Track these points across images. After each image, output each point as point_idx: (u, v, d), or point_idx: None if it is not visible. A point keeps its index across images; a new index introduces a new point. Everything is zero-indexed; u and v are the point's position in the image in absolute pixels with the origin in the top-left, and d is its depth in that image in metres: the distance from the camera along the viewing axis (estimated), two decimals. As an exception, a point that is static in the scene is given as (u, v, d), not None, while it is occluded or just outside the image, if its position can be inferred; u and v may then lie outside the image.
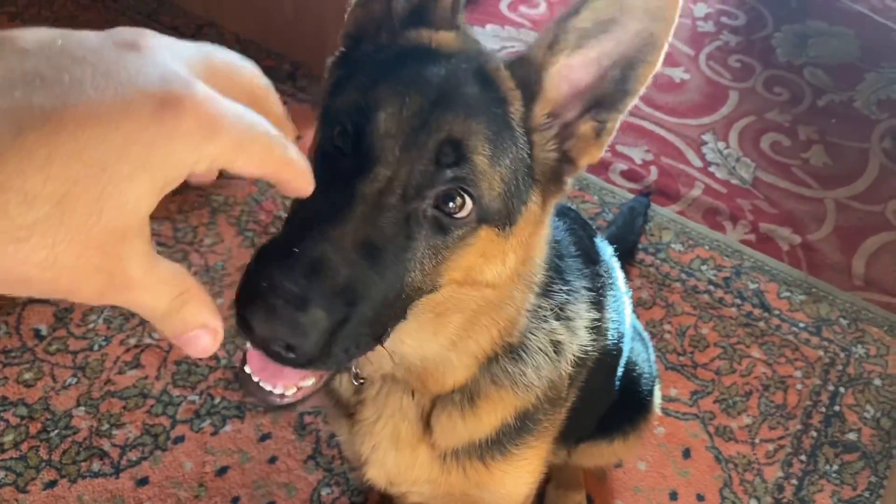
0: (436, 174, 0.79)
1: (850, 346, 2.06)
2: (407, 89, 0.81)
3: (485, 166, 0.81)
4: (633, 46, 0.85)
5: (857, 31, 3.23)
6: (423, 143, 0.79)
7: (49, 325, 1.90)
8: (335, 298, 0.72)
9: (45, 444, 1.70)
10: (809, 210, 2.45)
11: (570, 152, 0.91)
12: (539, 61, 0.87)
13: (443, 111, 0.80)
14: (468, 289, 0.88)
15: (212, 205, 2.21)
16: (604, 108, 0.89)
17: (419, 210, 0.79)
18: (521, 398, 1.05)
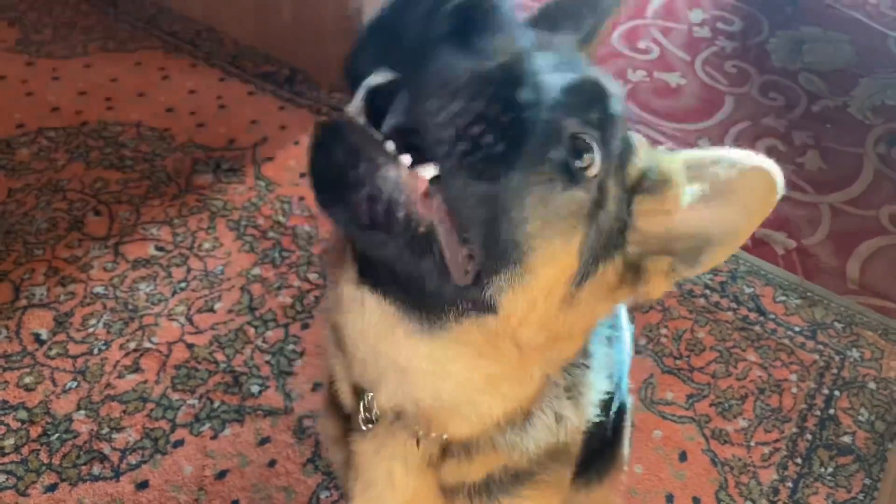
0: (588, 109, 0.74)
1: (845, 350, 2.08)
2: None
3: (614, 156, 0.79)
4: (720, 228, 0.86)
5: (851, 36, 3.26)
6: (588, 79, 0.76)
7: (49, 329, 1.91)
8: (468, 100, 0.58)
9: (45, 448, 1.71)
10: (804, 215, 2.47)
11: (643, 274, 0.89)
12: (654, 159, 0.89)
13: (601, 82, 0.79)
14: (505, 341, 0.81)
15: (210, 209, 2.22)
16: (682, 263, 0.89)
17: (561, 127, 0.71)
18: (516, 462, 1.00)
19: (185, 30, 2.87)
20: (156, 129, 2.46)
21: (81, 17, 2.88)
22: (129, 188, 2.26)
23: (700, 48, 3.12)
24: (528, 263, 0.74)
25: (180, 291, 2.02)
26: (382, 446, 1.00)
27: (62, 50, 2.72)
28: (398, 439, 0.99)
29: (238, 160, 2.38)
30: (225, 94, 2.61)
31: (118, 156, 2.36)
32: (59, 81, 2.60)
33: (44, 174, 2.28)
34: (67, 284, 2.00)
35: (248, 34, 2.80)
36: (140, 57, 2.73)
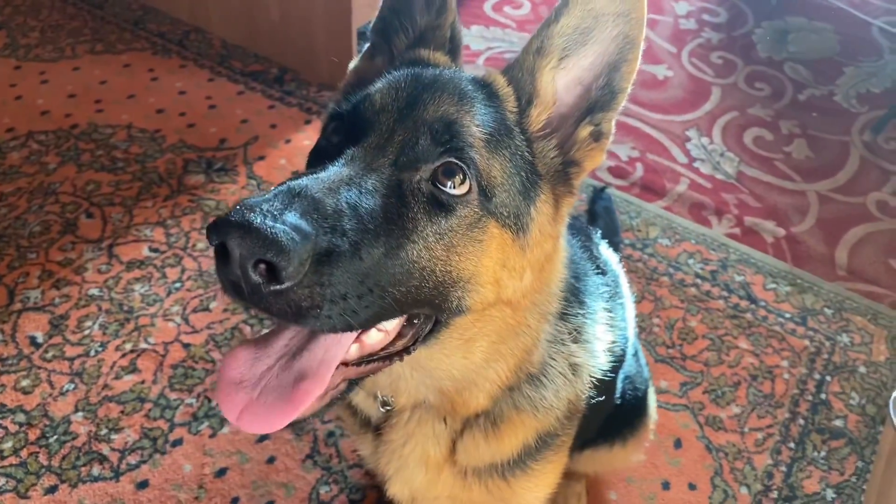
0: (429, 148, 0.82)
1: (835, 336, 2.10)
2: (402, 79, 0.87)
3: (480, 148, 0.85)
4: (613, 49, 0.91)
5: (835, 26, 3.29)
6: (418, 118, 0.83)
7: (45, 332, 1.91)
8: (319, 221, 0.70)
9: (44, 450, 1.71)
10: (793, 203, 2.49)
11: (574, 157, 0.95)
12: (529, 66, 0.93)
13: (436, 94, 0.85)
14: (493, 310, 0.90)
15: (203, 209, 2.23)
16: (598, 112, 0.94)
17: (413, 180, 0.81)
18: (542, 420, 1.07)
19: (174, 31, 2.87)
20: (146, 131, 2.46)
21: (68, 20, 2.87)
22: (121, 190, 2.26)
23: (686, 40, 3.14)
24: (469, 279, 0.85)
25: (175, 291, 2.02)
26: (411, 435, 1.09)
27: (50, 53, 2.72)
28: (423, 427, 1.07)
29: (229, 159, 2.39)
30: (214, 94, 2.61)
31: (109, 158, 2.36)
32: (48, 84, 2.60)
33: (35, 178, 2.28)
34: (62, 287, 2.01)
35: (237, 34, 2.80)
36: (129, 58, 2.73)
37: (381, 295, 0.77)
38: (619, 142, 2.63)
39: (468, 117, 0.86)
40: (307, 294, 0.69)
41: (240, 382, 0.80)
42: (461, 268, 0.84)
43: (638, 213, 2.36)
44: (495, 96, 0.92)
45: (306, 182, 0.73)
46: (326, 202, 0.72)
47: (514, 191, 0.87)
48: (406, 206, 0.80)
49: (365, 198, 0.76)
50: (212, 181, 2.31)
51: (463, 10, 3.13)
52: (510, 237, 0.87)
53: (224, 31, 2.83)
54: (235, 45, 2.81)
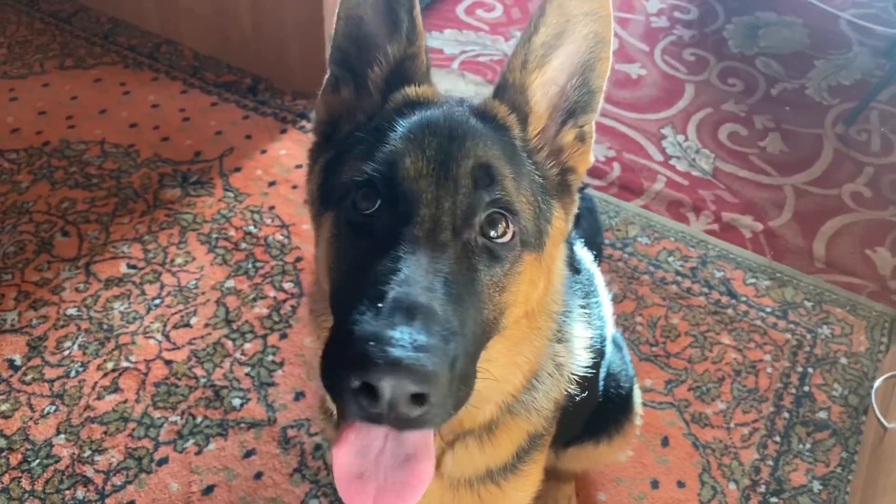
0: (476, 200, 0.82)
1: (816, 328, 2.12)
2: (420, 132, 0.85)
3: (512, 188, 0.85)
4: (585, 49, 0.92)
5: (805, 20, 3.32)
6: (456, 173, 0.83)
7: (23, 354, 1.88)
8: (443, 335, 0.71)
9: (26, 475, 1.68)
10: (769, 197, 2.51)
11: (567, 164, 0.97)
12: (520, 83, 0.93)
13: (463, 142, 0.84)
14: (513, 327, 0.92)
15: (181, 223, 2.21)
16: (579, 114, 0.95)
17: (471, 240, 0.83)
18: (534, 423, 1.08)
19: (144, 43, 2.83)
20: (120, 146, 2.43)
21: (36, 36, 2.83)
22: (96, 207, 2.23)
23: (658, 38, 3.16)
24: (509, 308, 0.87)
25: (155, 308, 2.00)
26: None
27: (18, 69, 2.68)
28: None
29: (205, 172, 2.37)
30: (188, 107, 2.59)
31: (83, 174, 2.33)
32: (18, 102, 2.56)
33: (8, 197, 2.24)
34: (39, 308, 1.98)
35: (208, 45, 2.77)
36: (99, 73, 2.69)
37: (475, 360, 0.80)
38: (596, 142, 2.62)
39: (499, 161, 0.86)
40: (443, 402, 0.71)
41: (361, 475, 0.79)
42: (507, 302, 0.86)
43: (616, 213, 2.37)
44: (503, 127, 0.92)
45: (408, 291, 0.73)
46: (435, 307, 0.73)
47: (535, 215, 0.89)
48: (474, 269, 0.82)
49: (453, 285, 0.77)
50: (188, 195, 2.29)
51: (435, 14, 3.13)
52: (535, 257, 0.90)
53: (195, 43, 2.80)
54: (207, 55, 2.78)
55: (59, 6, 2.96)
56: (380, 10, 0.96)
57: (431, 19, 3.09)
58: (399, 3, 0.95)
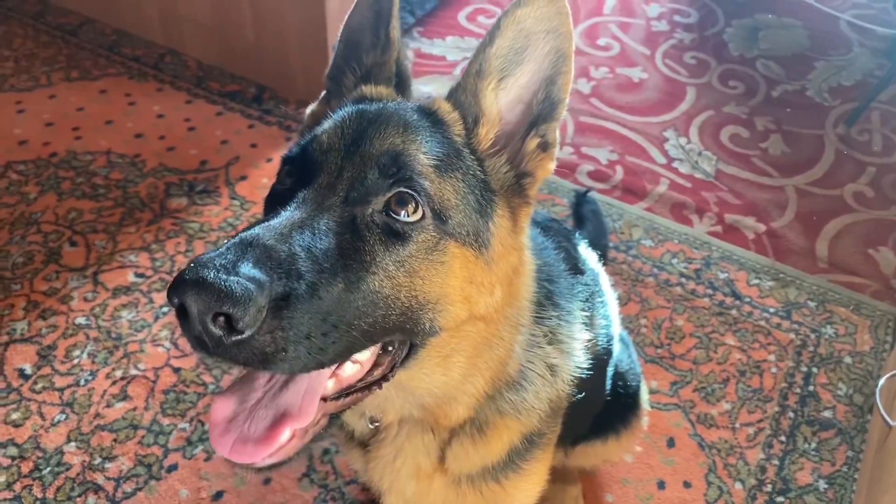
0: (378, 182, 0.85)
1: (820, 328, 2.13)
2: (345, 118, 0.91)
3: (430, 174, 0.88)
4: (547, 65, 0.95)
5: (805, 21, 3.34)
6: (365, 154, 0.86)
7: (33, 363, 1.90)
8: (272, 269, 0.72)
9: (38, 483, 1.70)
10: (771, 198, 2.52)
11: (525, 169, 0.99)
12: (472, 88, 0.97)
13: (380, 128, 0.89)
14: (468, 325, 0.93)
15: (187, 232, 2.23)
16: (542, 123, 0.98)
17: (365, 214, 0.84)
18: (525, 422, 1.09)
19: (148, 54, 2.86)
20: (126, 156, 2.46)
21: (42, 48, 2.86)
22: (103, 217, 2.26)
23: (659, 42, 3.17)
24: (438, 300, 0.88)
25: (163, 316, 2.02)
26: (401, 449, 1.11)
27: (25, 82, 2.71)
28: (412, 440, 1.10)
29: (211, 181, 2.39)
30: (193, 116, 2.61)
31: (90, 185, 2.35)
32: (25, 114, 2.59)
33: (16, 208, 2.26)
34: (48, 317, 2.00)
35: (212, 55, 2.80)
36: (105, 84, 2.72)
37: (346, 329, 0.78)
38: (598, 145, 2.65)
39: (414, 146, 0.88)
40: (269, 340, 0.71)
41: (232, 419, 0.81)
42: (427, 290, 0.86)
43: (620, 216, 2.38)
44: (441, 122, 0.95)
45: (258, 231, 0.75)
46: (279, 248, 0.74)
47: (469, 209, 0.90)
48: (362, 239, 0.82)
49: (319, 238, 0.78)
50: (195, 203, 2.31)
51: (438, 22, 3.15)
52: (472, 254, 0.90)
53: (199, 53, 2.83)
54: (212, 65, 2.81)
55: (65, 19, 2.99)
56: (371, 30, 1.04)
57: (434, 26, 3.12)
58: (381, 22, 1.02)
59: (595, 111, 2.80)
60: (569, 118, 2.75)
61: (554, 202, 2.40)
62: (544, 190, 2.44)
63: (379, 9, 1.03)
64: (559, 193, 2.43)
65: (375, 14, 1.03)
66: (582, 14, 3.29)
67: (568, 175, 2.53)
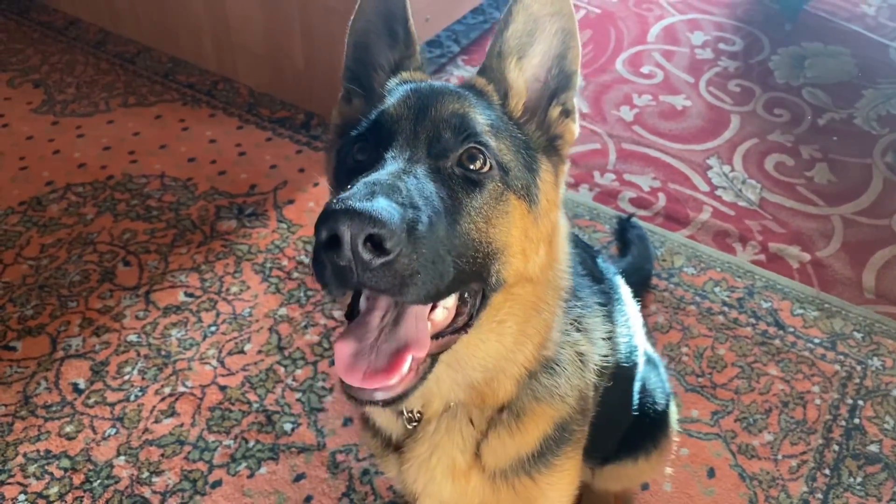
0: (451, 140, 0.95)
1: (866, 359, 2.10)
2: (405, 93, 1.01)
3: (489, 133, 0.98)
4: (557, 43, 1.07)
5: (852, 49, 3.31)
6: (434, 118, 0.96)
7: (86, 378, 1.97)
8: (400, 199, 0.81)
9: (88, 495, 1.76)
10: (817, 227, 2.50)
11: (554, 132, 1.11)
12: (496, 66, 1.08)
13: (440, 97, 0.99)
14: (517, 288, 1.01)
15: (236, 254, 2.29)
16: (560, 93, 1.10)
17: (446, 167, 0.93)
18: (559, 409, 1.15)
19: (202, 81, 2.96)
20: (179, 179, 2.54)
21: (102, 75, 2.98)
22: (156, 238, 2.34)
23: (703, 69, 3.17)
24: (504, 250, 0.96)
25: (211, 335, 2.08)
26: (437, 445, 1.15)
27: (85, 108, 2.83)
28: (450, 434, 1.14)
29: (260, 204, 2.46)
30: (244, 142, 2.69)
31: (144, 207, 2.44)
32: (84, 138, 2.70)
33: (74, 228, 2.36)
34: (102, 334, 2.07)
35: (263, 82, 2.89)
36: (160, 110, 2.82)
37: (452, 264, 0.87)
38: (641, 172, 2.66)
39: (472, 110, 0.99)
40: (407, 263, 0.79)
41: (356, 354, 0.88)
42: (497, 238, 0.95)
43: (662, 243, 2.38)
44: (482, 93, 1.06)
45: (376, 176, 0.84)
46: (399, 186, 0.83)
47: (520, 165, 1.01)
48: (449, 187, 0.91)
49: (422, 182, 0.87)
50: (243, 226, 2.38)
51: (481, 50, 3.20)
52: (526, 207, 0.99)
53: (251, 80, 2.92)
54: (262, 93, 2.90)
55: (124, 47, 3.12)
56: (381, 32, 1.14)
57: (478, 55, 3.17)
58: (396, 21, 1.12)
59: (638, 138, 2.81)
60: (611, 145, 2.77)
61: (595, 229, 2.42)
62: (586, 216, 2.45)
63: (387, 10, 1.12)
64: (601, 220, 2.44)
65: (384, 16, 1.13)
66: (626, 42, 3.31)
67: (610, 202, 2.54)
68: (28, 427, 1.87)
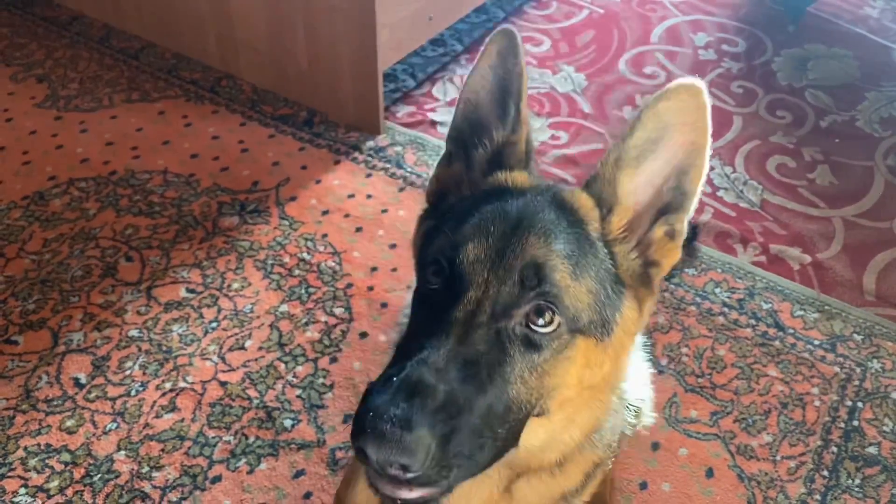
0: (520, 295, 0.91)
1: (866, 362, 2.10)
2: (490, 221, 0.95)
3: (567, 282, 0.93)
4: (682, 155, 0.98)
5: (855, 51, 3.31)
6: (508, 266, 0.91)
7: (88, 373, 1.98)
8: (436, 415, 0.82)
9: (88, 489, 1.76)
10: (818, 229, 2.50)
11: (652, 257, 1.04)
12: (610, 177, 1.01)
13: (523, 237, 0.93)
14: (577, 396, 1.00)
15: (238, 250, 2.30)
16: (671, 213, 1.02)
17: (508, 328, 0.91)
18: (601, 454, 1.17)
19: (205, 78, 2.97)
20: (181, 175, 2.55)
21: (106, 71, 2.99)
22: (158, 233, 2.34)
23: (706, 70, 3.18)
24: (555, 388, 0.95)
25: (212, 331, 2.08)
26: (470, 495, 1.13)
27: (89, 103, 2.83)
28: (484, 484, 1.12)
29: (262, 201, 2.46)
30: (246, 138, 2.70)
31: (147, 202, 2.44)
32: (87, 133, 2.70)
33: (76, 223, 2.36)
34: (103, 329, 2.08)
35: (266, 80, 2.89)
36: (163, 106, 2.83)
37: (493, 438, 0.88)
38: (643, 173, 2.66)
39: (554, 256, 0.93)
40: (436, 472, 0.82)
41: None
42: (551, 385, 0.94)
43: (663, 244, 2.38)
44: (580, 220, 1.00)
45: (421, 372, 0.84)
46: (440, 389, 0.83)
47: (600, 304, 0.96)
48: (504, 352, 0.90)
49: (471, 364, 0.87)
50: (245, 223, 2.38)
51: (485, 49, 3.20)
52: (594, 342, 0.96)
53: (254, 78, 2.92)
54: (265, 90, 2.90)
55: (128, 43, 3.12)
56: (494, 98, 1.07)
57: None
58: (510, 95, 1.05)
59: (640, 139, 2.81)
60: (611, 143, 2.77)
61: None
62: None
63: (505, 76, 1.06)
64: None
65: (500, 81, 1.06)
66: (629, 42, 3.31)
67: (611, 202, 2.54)
68: (29, 421, 1.88)
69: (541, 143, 2.77)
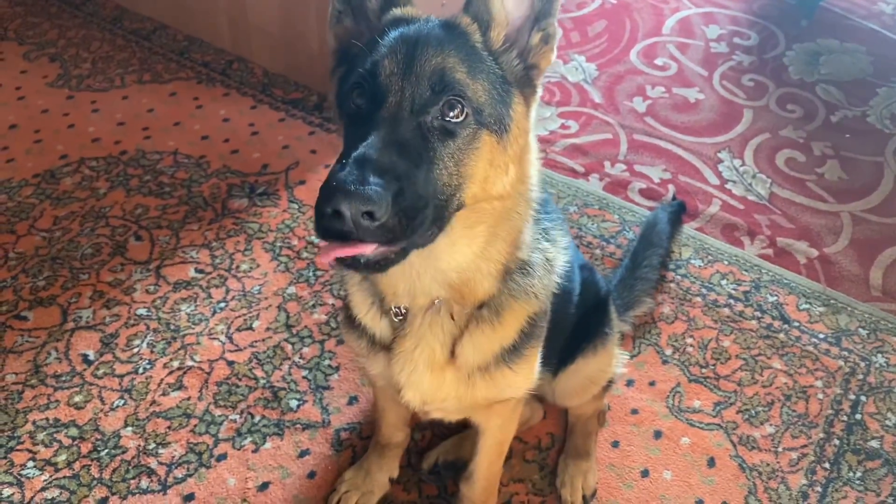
0: (432, 96, 1.07)
1: (870, 356, 2.10)
2: (397, 42, 1.11)
3: (466, 80, 1.10)
4: None
5: (868, 47, 3.29)
6: (418, 73, 1.08)
7: (96, 350, 2.00)
8: (385, 174, 0.97)
9: (95, 463, 1.78)
10: (826, 224, 2.50)
11: (531, 61, 1.20)
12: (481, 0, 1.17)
13: (426, 49, 1.10)
14: (485, 203, 1.14)
15: (247, 232, 2.31)
16: (542, 19, 1.18)
17: (427, 122, 1.07)
18: (532, 305, 1.33)
19: (217, 60, 2.98)
20: (192, 157, 2.56)
21: (118, 52, 3.00)
22: (168, 213, 2.35)
23: (717, 63, 3.17)
24: (467, 180, 1.10)
25: (220, 311, 2.10)
26: (421, 338, 1.32)
27: (101, 83, 2.84)
28: (433, 328, 1.31)
29: (271, 184, 2.47)
30: (257, 121, 2.71)
31: (157, 183, 2.45)
32: (99, 113, 2.72)
33: (87, 202, 2.38)
34: (112, 307, 2.09)
35: (277, 64, 2.90)
36: (175, 87, 2.84)
37: (430, 205, 1.04)
38: (651, 164, 2.67)
39: (451, 60, 1.10)
40: (395, 221, 0.98)
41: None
42: (464, 173, 1.09)
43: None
44: (465, 33, 1.16)
45: (364, 151, 0.99)
46: (383, 160, 0.99)
47: (494, 101, 1.12)
48: (427, 140, 1.06)
49: (403, 146, 1.03)
50: (254, 205, 2.39)
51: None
52: (496, 139, 1.11)
53: (265, 61, 2.93)
54: (277, 73, 2.91)
55: (140, 24, 3.13)
56: None
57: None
58: None
59: (650, 130, 2.82)
60: (623, 135, 2.77)
61: (604, 218, 2.42)
62: (595, 206, 2.46)
63: None
64: (610, 210, 2.45)
65: None
66: (641, 33, 3.31)
67: (620, 192, 2.54)
68: (38, 396, 1.90)
69: (550, 132, 2.77)
